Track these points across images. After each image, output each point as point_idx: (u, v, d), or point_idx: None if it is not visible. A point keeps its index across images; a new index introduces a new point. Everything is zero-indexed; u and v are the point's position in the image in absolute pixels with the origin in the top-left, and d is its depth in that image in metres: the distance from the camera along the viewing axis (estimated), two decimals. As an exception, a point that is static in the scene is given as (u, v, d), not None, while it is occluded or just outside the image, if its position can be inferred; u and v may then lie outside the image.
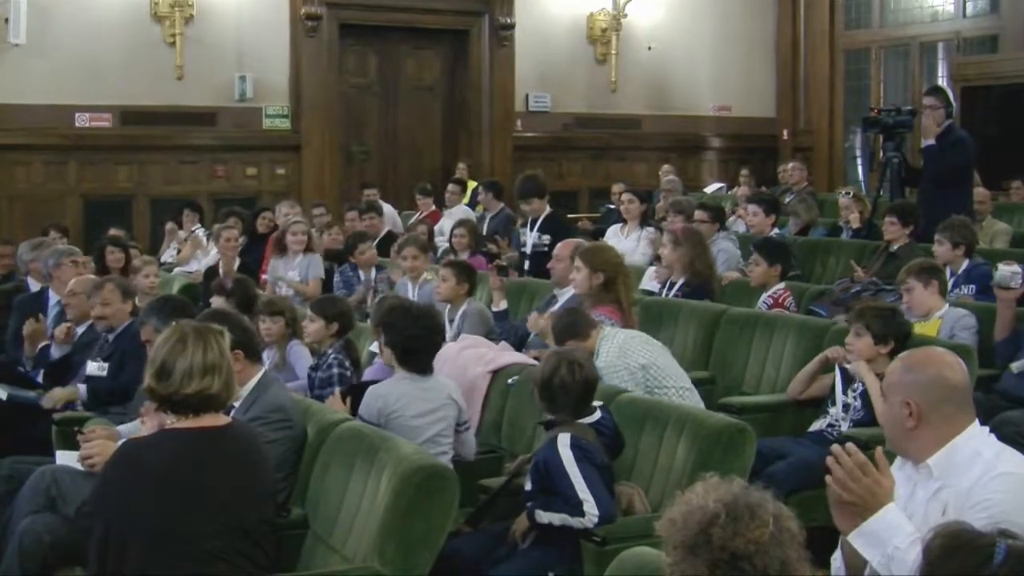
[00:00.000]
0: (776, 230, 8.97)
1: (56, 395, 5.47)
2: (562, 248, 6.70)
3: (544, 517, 4.01)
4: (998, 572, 2.02)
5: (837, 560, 2.86)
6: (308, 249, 8.75)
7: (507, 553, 4.09)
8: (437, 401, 4.66)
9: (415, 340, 4.68)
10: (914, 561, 2.29)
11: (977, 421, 2.94)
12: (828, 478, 2.68)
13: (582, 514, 3.92)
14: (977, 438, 2.90)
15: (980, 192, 9.51)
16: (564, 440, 4.04)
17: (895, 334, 5.07)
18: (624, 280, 5.88)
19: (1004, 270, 5.96)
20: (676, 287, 7.15)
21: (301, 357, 5.84)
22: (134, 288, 6.34)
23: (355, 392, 4.97)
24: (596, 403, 4.30)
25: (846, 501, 2.66)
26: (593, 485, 3.95)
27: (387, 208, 11.28)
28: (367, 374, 5.47)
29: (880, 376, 4.71)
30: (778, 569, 2.04)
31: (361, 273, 8.26)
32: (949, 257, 6.90)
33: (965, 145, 8.68)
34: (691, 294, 6.98)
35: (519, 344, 6.28)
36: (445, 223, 10.59)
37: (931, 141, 8.53)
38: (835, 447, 2.72)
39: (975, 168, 9.20)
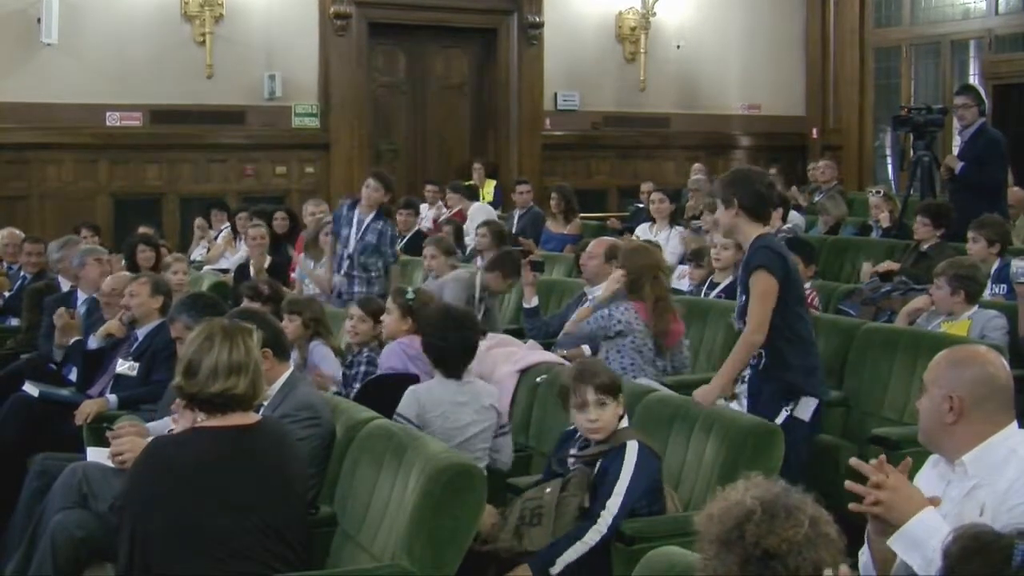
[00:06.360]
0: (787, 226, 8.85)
1: (86, 409, 5.48)
2: (596, 246, 6.65)
3: (559, 565, 3.80)
4: (1017, 574, 2.01)
5: (864, 556, 2.84)
6: None
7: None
8: (473, 408, 4.62)
9: (447, 347, 4.66)
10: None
11: (1016, 422, 2.91)
12: (852, 505, 2.66)
13: (594, 522, 3.81)
14: (1014, 438, 2.87)
15: (1014, 192, 9.43)
16: (632, 447, 3.95)
17: None
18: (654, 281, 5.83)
19: (1019, 265, 5.90)
20: (720, 287, 7.05)
21: (324, 357, 5.81)
22: (168, 286, 6.34)
23: (373, 387, 4.99)
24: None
25: (876, 513, 2.65)
26: (629, 495, 3.85)
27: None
28: (382, 359, 5.45)
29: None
30: (810, 572, 2.03)
31: None
32: (984, 255, 6.82)
33: (998, 145, 8.62)
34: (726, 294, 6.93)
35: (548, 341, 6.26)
36: (471, 223, 10.59)
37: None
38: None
39: (1008, 167, 9.13)
